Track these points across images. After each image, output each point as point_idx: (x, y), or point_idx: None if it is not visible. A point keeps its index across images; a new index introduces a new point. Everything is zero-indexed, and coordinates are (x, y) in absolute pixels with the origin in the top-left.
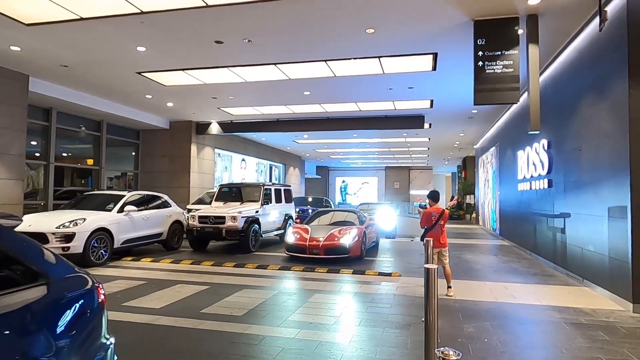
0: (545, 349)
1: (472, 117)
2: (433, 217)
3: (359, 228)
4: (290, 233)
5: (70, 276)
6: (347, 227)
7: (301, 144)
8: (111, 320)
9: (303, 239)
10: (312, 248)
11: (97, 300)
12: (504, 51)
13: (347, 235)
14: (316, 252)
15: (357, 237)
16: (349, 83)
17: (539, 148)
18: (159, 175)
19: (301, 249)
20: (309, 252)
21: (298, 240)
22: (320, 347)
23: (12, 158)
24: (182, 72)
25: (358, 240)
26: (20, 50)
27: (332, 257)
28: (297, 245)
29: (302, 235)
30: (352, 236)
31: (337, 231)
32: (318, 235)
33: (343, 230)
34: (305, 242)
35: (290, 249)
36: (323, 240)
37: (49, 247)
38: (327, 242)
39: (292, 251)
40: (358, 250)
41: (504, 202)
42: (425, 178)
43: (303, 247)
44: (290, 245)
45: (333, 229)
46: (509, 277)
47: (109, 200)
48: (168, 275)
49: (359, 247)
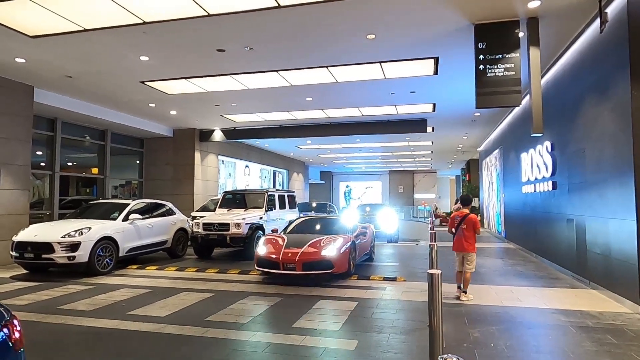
0: (553, 354)
1: (475, 120)
2: (455, 220)
3: (346, 238)
4: (261, 243)
5: None
6: (332, 236)
7: (304, 149)
8: (116, 329)
9: (276, 251)
10: (286, 262)
11: (5, 343)
12: (505, 54)
13: (330, 245)
14: (292, 267)
15: (344, 248)
16: (351, 88)
17: (543, 150)
18: (163, 183)
19: (273, 264)
20: (283, 267)
21: (270, 252)
22: (325, 353)
23: (18, 168)
24: (185, 81)
25: (345, 252)
26: (26, 62)
27: (312, 273)
28: (269, 258)
29: (275, 247)
30: (338, 247)
31: (319, 241)
32: (295, 246)
33: (327, 240)
34: (278, 255)
35: (260, 264)
36: (300, 253)
37: (55, 257)
38: (305, 255)
39: (263, 266)
40: (345, 265)
41: (509, 205)
42: (429, 181)
43: (276, 262)
44: (261, 259)
45: (315, 239)
46: (515, 280)
47: (114, 209)
48: (173, 283)
49: (346, 261)
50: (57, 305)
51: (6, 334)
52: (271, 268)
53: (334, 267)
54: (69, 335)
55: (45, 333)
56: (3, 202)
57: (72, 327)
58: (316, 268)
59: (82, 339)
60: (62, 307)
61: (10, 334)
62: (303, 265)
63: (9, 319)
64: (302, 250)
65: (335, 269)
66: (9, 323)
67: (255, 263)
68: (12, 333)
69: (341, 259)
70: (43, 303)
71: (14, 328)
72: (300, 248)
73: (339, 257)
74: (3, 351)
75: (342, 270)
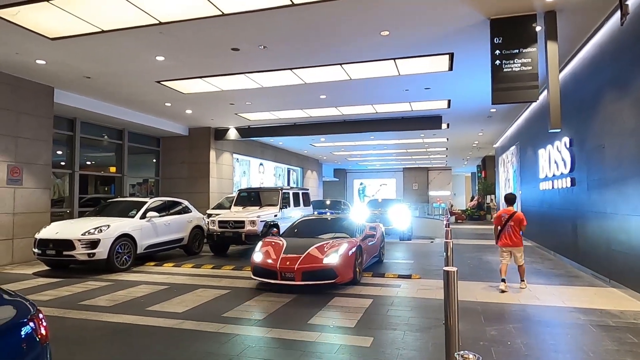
0: (571, 352)
1: (491, 116)
2: (503, 218)
3: (351, 242)
4: (257, 249)
5: None
6: (336, 241)
7: (318, 147)
8: (135, 325)
9: (273, 258)
10: (284, 271)
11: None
12: (521, 49)
13: (334, 252)
14: (290, 277)
15: (348, 254)
16: (365, 85)
17: (561, 146)
18: (179, 182)
19: (270, 273)
20: (280, 276)
21: (266, 259)
22: (340, 350)
23: (39, 167)
24: (200, 80)
25: (350, 258)
26: (46, 63)
27: (313, 283)
28: (265, 267)
29: (272, 253)
30: (342, 253)
31: (321, 247)
32: (294, 253)
33: (330, 246)
34: (275, 263)
35: (256, 272)
36: (300, 261)
37: (75, 254)
38: (305, 263)
39: (259, 275)
40: (350, 273)
41: (526, 202)
42: (445, 179)
43: (273, 270)
44: (257, 267)
45: (316, 244)
46: (532, 278)
47: (132, 206)
48: (190, 280)
49: (351, 269)
50: (78, 300)
51: (32, 327)
52: (268, 277)
53: (338, 276)
54: (90, 330)
55: (67, 328)
56: (26, 201)
57: (93, 322)
58: (317, 278)
59: (102, 333)
60: (83, 303)
61: (36, 327)
62: (303, 274)
63: (35, 313)
64: (302, 257)
65: (339, 279)
66: (34, 317)
67: (252, 271)
68: (38, 327)
69: (345, 266)
70: (65, 299)
71: (39, 322)
72: (300, 255)
73: (343, 265)
74: (30, 344)
75: (346, 279)
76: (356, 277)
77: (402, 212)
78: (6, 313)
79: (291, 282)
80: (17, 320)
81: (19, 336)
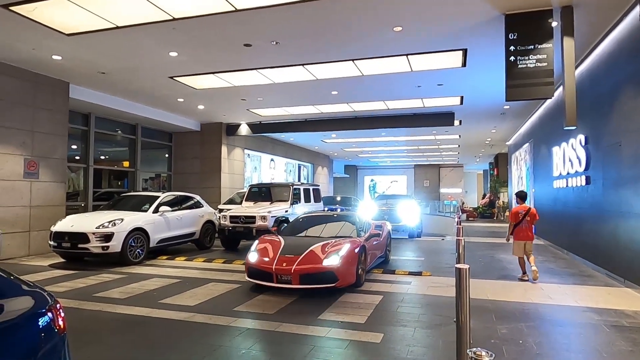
0: (584, 352)
1: (505, 113)
2: (520, 214)
3: (355, 242)
4: (253, 249)
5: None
6: (337, 241)
7: (329, 143)
8: (148, 317)
9: (269, 259)
10: (280, 273)
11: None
12: (537, 45)
13: (335, 254)
14: (287, 280)
15: (351, 256)
16: (377, 81)
17: (576, 144)
18: (191, 177)
19: (266, 275)
20: (276, 279)
21: (261, 260)
22: (350, 346)
23: (55, 162)
24: (212, 75)
25: (352, 260)
26: (62, 59)
27: (312, 287)
28: (260, 268)
29: (268, 253)
30: (343, 254)
31: (321, 247)
32: (292, 254)
33: (330, 246)
34: (271, 265)
35: (251, 274)
36: (298, 262)
37: (90, 246)
38: (303, 265)
39: (254, 277)
40: (352, 276)
41: (539, 200)
42: (456, 176)
43: (268, 272)
44: (251, 269)
45: (317, 244)
46: (545, 277)
47: (145, 201)
48: (201, 274)
49: (353, 272)
50: (93, 292)
51: (50, 317)
52: (263, 280)
53: (339, 279)
54: (105, 321)
55: (83, 319)
56: (42, 194)
57: (107, 313)
58: (316, 281)
59: (116, 325)
60: (97, 295)
61: (54, 318)
62: (300, 277)
63: (53, 303)
64: (300, 258)
65: (340, 282)
66: (52, 307)
67: (246, 273)
68: (56, 317)
69: (347, 269)
70: (80, 290)
71: (57, 313)
72: (297, 256)
73: (344, 268)
74: (48, 334)
75: (348, 283)
76: (359, 280)
77: (411, 209)
78: (25, 303)
79: (288, 286)
80: (36, 310)
81: (37, 326)
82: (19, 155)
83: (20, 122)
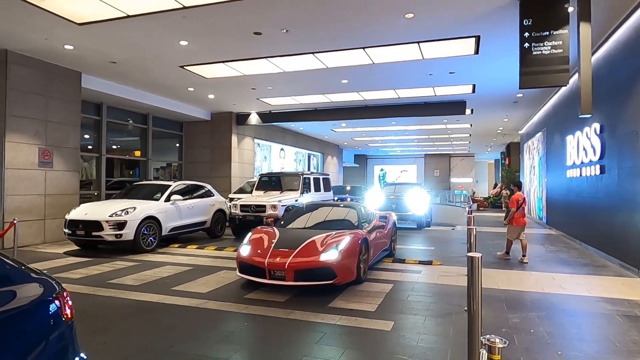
0: (597, 342)
1: (517, 102)
2: (519, 201)
3: (356, 234)
4: (245, 241)
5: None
6: (337, 234)
7: (339, 132)
8: (161, 303)
9: (261, 254)
10: (273, 269)
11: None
12: (552, 31)
13: (333, 248)
14: (280, 277)
15: (351, 250)
16: (388, 70)
17: (590, 132)
18: (202, 166)
19: (258, 270)
20: (269, 275)
21: (253, 254)
22: (361, 333)
23: (68, 151)
24: (222, 64)
25: (353, 255)
26: (74, 48)
27: (307, 284)
28: (252, 262)
29: (261, 246)
30: (343, 249)
31: (319, 240)
32: (287, 247)
33: (329, 239)
34: (263, 259)
35: (243, 269)
36: (292, 257)
37: (104, 234)
38: (298, 260)
39: (246, 272)
40: (352, 273)
41: (552, 190)
42: (467, 165)
43: (260, 267)
44: (243, 263)
45: (314, 236)
46: (557, 267)
47: (157, 190)
48: (213, 262)
49: (354, 267)
50: (107, 279)
51: (57, 305)
52: (255, 275)
53: (337, 275)
54: (119, 307)
55: (97, 305)
56: (56, 183)
57: (121, 300)
58: (313, 277)
59: (130, 311)
60: (111, 282)
61: (61, 305)
62: (295, 273)
63: (60, 291)
64: (295, 252)
65: (339, 279)
66: (59, 295)
67: (237, 268)
68: (63, 305)
69: (347, 264)
70: (94, 277)
71: (64, 300)
72: (292, 250)
73: (343, 263)
74: (55, 322)
75: (347, 280)
76: (360, 276)
77: (420, 197)
78: (34, 290)
79: (281, 282)
80: (45, 297)
81: (47, 313)
82: (34, 145)
83: (33, 112)
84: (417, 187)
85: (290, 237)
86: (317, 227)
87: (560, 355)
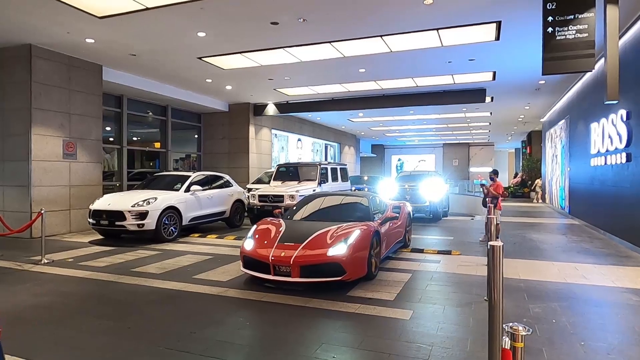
0: (621, 333)
1: (539, 89)
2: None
3: (367, 227)
4: (249, 235)
5: None
6: (347, 226)
7: (356, 122)
8: (183, 291)
9: (265, 248)
10: (278, 264)
11: None
12: (577, 14)
13: (342, 242)
14: (285, 272)
15: (361, 244)
16: (406, 58)
17: (617, 119)
18: (220, 157)
19: (262, 266)
20: (273, 270)
21: (257, 248)
22: (380, 321)
23: (91, 143)
24: (240, 55)
25: (363, 250)
26: (94, 42)
27: (314, 281)
28: (256, 257)
29: (266, 240)
30: (352, 243)
31: (327, 233)
32: (293, 241)
33: (338, 232)
34: (268, 254)
35: (246, 264)
36: (299, 252)
37: (126, 224)
38: (305, 254)
39: (250, 267)
40: (362, 268)
41: (575, 179)
42: (486, 155)
43: (265, 262)
44: (247, 258)
45: (322, 229)
46: (580, 257)
47: (177, 180)
48: (232, 251)
49: (364, 262)
50: (131, 267)
51: None
52: (259, 271)
53: (346, 272)
54: (143, 294)
55: (122, 292)
56: (80, 174)
57: (145, 287)
58: (320, 274)
59: (153, 298)
60: (135, 270)
61: None
62: (301, 269)
63: None
64: (302, 246)
65: (348, 275)
66: None
67: (241, 263)
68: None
69: (356, 260)
70: (118, 265)
71: None
72: (299, 243)
73: (353, 258)
74: None
75: (357, 276)
76: (371, 271)
77: (437, 186)
78: None
79: (287, 279)
80: None
81: None
82: (58, 137)
83: (57, 105)
84: (433, 176)
85: (297, 229)
86: (326, 218)
87: (583, 346)
